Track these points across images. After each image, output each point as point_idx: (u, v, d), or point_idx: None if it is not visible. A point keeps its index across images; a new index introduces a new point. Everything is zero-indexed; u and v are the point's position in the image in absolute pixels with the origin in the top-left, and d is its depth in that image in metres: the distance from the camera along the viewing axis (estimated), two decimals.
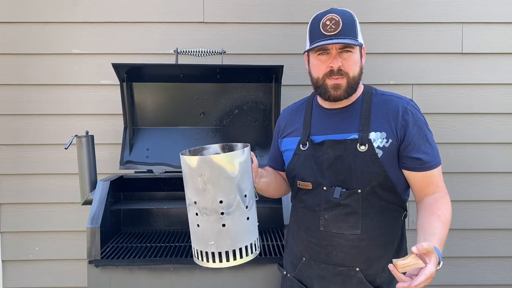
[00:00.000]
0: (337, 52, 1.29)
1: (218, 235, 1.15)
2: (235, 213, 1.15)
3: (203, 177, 1.12)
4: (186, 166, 1.15)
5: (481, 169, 2.35)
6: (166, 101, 2.20)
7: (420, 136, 1.31)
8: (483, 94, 2.33)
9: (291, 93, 2.29)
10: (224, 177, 1.13)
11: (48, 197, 2.34)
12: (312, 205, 1.37)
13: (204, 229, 1.16)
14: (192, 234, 1.21)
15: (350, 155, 1.30)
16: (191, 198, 1.17)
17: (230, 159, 1.13)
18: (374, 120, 1.33)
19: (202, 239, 1.17)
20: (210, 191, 1.12)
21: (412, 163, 1.31)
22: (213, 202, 1.13)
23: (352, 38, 1.28)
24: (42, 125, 2.32)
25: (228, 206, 1.14)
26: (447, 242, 2.52)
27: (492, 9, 2.30)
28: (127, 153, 2.14)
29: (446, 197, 1.35)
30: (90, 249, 1.63)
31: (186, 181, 1.18)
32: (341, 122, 1.37)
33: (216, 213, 1.13)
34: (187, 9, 2.29)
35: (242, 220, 1.17)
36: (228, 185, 1.14)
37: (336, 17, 1.29)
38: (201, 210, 1.14)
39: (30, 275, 2.37)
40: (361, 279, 1.33)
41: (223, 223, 1.14)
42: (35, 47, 2.28)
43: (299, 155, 1.40)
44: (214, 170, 1.12)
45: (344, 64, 1.30)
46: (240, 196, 1.16)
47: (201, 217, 1.15)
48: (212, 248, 1.16)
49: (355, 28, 1.30)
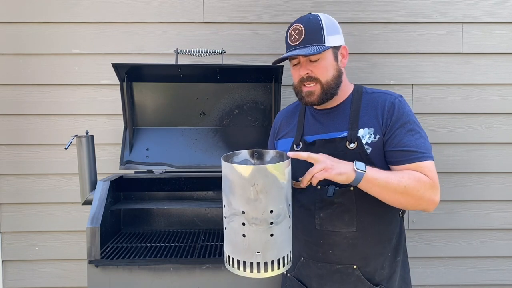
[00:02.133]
0: (305, 60, 1.33)
1: (266, 245, 1.13)
2: (282, 223, 1.14)
3: (255, 186, 1.09)
4: (236, 175, 1.11)
5: (481, 169, 2.35)
6: (166, 101, 2.20)
7: (404, 129, 1.29)
8: (483, 94, 2.33)
9: (291, 93, 2.26)
10: (277, 186, 1.12)
11: (48, 197, 2.34)
12: (307, 204, 1.39)
13: (251, 239, 1.13)
14: (233, 244, 1.17)
15: (341, 153, 1.31)
16: (239, 208, 1.13)
17: (282, 169, 1.12)
18: (362, 117, 1.34)
19: (248, 249, 1.14)
20: (262, 201, 1.11)
21: (394, 156, 1.30)
22: (264, 212, 1.11)
23: (316, 44, 1.29)
24: (42, 125, 2.32)
25: (277, 216, 1.13)
26: (447, 242, 2.52)
27: (492, 9, 2.30)
28: (127, 153, 2.14)
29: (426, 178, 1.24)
30: (90, 249, 1.63)
31: (233, 190, 1.13)
32: (331, 121, 1.39)
33: (266, 222, 1.12)
34: (187, 9, 2.29)
35: (286, 229, 1.17)
36: (279, 195, 1.13)
37: (299, 26, 1.32)
38: (250, 220, 1.12)
39: (30, 275, 2.37)
40: (359, 276, 1.33)
41: (272, 233, 1.13)
42: (35, 47, 2.28)
43: None
44: (268, 180, 1.10)
45: (314, 71, 1.33)
46: (287, 205, 1.16)
47: (249, 227, 1.12)
48: (259, 258, 1.14)
49: (321, 33, 1.31)
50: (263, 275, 1.15)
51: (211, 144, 2.21)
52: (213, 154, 2.19)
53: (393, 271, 1.37)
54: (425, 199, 1.24)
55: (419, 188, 1.22)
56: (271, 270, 1.15)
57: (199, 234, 1.98)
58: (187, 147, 2.19)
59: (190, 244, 1.83)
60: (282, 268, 1.17)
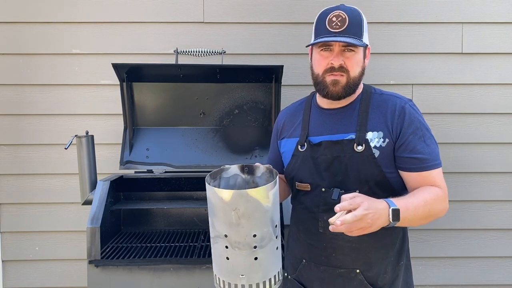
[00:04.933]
0: (339, 50, 1.28)
1: (250, 268, 1.10)
2: (267, 246, 1.11)
3: (237, 211, 1.05)
4: (217, 198, 1.08)
5: (481, 169, 2.35)
6: (166, 101, 2.20)
7: (416, 136, 1.28)
8: (483, 94, 2.33)
9: (291, 93, 2.28)
10: (259, 210, 1.07)
11: (48, 197, 2.34)
12: (311, 206, 1.36)
13: (235, 263, 1.11)
14: (219, 265, 1.15)
15: (347, 156, 1.29)
16: (221, 232, 1.10)
17: (265, 192, 1.07)
18: (371, 120, 1.31)
19: (232, 272, 1.12)
20: (244, 225, 1.06)
21: (406, 163, 1.29)
22: (247, 236, 1.07)
23: (357, 37, 1.26)
24: (42, 125, 2.32)
25: (261, 240, 1.09)
26: (447, 242, 2.51)
27: (492, 9, 2.30)
28: (127, 153, 2.14)
29: (441, 192, 1.28)
30: (90, 249, 1.63)
31: (216, 213, 1.10)
32: (339, 122, 1.36)
33: (249, 247, 1.08)
34: (187, 9, 2.29)
35: (273, 251, 1.14)
36: (262, 219, 1.08)
37: (343, 14, 1.27)
38: (233, 244, 1.09)
39: (30, 275, 2.37)
40: (362, 281, 1.32)
41: (256, 256, 1.09)
42: (35, 47, 2.28)
43: (297, 156, 1.39)
44: (249, 205, 1.06)
45: (346, 63, 1.28)
46: (272, 228, 1.12)
47: (232, 251, 1.09)
48: (243, 281, 1.11)
49: (361, 28, 1.29)
50: None
51: (211, 144, 2.21)
52: (213, 154, 2.19)
53: (395, 276, 1.36)
54: (442, 213, 1.29)
55: (438, 206, 1.27)
56: None
57: (199, 234, 1.98)
58: (187, 147, 2.19)
59: (190, 244, 1.83)
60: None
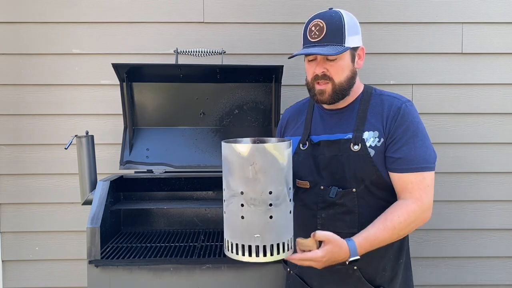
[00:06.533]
0: (322, 58, 1.30)
1: (265, 228, 1.12)
2: (282, 205, 1.13)
3: (254, 166, 1.09)
4: (235, 154, 1.11)
5: (481, 169, 2.35)
6: (166, 101, 2.20)
7: (405, 136, 1.28)
8: (483, 94, 2.33)
9: (291, 93, 2.28)
10: (275, 167, 1.11)
11: (48, 197, 2.34)
12: (310, 204, 1.39)
13: (250, 221, 1.12)
14: (232, 227, 1.16)
15: (344, 155, 1.31)
16: (237, 189, 1.12)
17: (281, 149, 1.12)
18: (369, 120, 1.34)
19: (247, 232, 1.13)
20: (260, 180, 1.10)
21: (389, 162, 1.30)
22: (263, 192, 1.10)
23: (336, 44, 1.27)
24: (42, 125, 2.32)
25: (276, 198, 1.12)
26: (446, 242, 2.51)
27: (492, 9, 2.30)
28: (127, 153, 2.14)
29: (411, 205, 1.26)
30: (90, 249, 1.63)
31: (233, 170, 1.13)
32: (339, 122, 1.39)
33: (265, 204, 1.11)
34: (187, 9, 2.29)
35: (286, 213, 1.16)
36: (278, 176, 1.12)
37: (321, 22, 1.28)
38: (249, 201, 1.11)
39: (30, 275, 2.37)
40: (360, 277, 1.33)
41: (271, 215, 1.11)
42: (35, 47, 2.28)
43: (299, 154, 1.42)
44: (266, 159, 1.10)
45: (329, 70, 1.31)
46: (287, 188, 1.15)
47: (248, 208, 1.11)
48: (257, 241, 1.12)
49: (342, 33, 1.28)
50: (262, 259, 1.13)
51: (211, 144, 2.21)
52: (213, 154, 2.19)
53: (395, 274, 1.37)
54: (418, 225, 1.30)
55: (411, 225, 1.27)
56: (270, 254, 1.13)
57: (199, 234, 1.98)
58: (187, 147, 2.19)
59: (190, 244, 1.83)
60: (282, 254, 1.15)
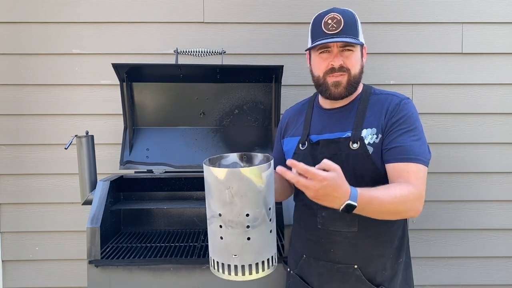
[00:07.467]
0: (338, 51, 1.32)
1: (243, 248, 1.13)
2: (261, 226, 1.13)
3: (231, 189, 1.09)
4: (213, 177, 1.12)
5: (480, 169, 2.35)
6: (166, 101, 2.20)
7: (402, 128, 1.28)
8: (483, 94, 2.33)
9: (291, 93, 2.29)
10: (252, 190, 1.10)
11: (48, 197, 2.34)
12: (310, 203, 1.37)
13: (228, 242, 1.14)
14: (213, 246, 1.19)
15: (343, 154, 1.31)
16: (216, 210, 1.13)
17: (258, 172, 1.11)
18: (367, 118, 1.34)
19: (225, 251, 1.15)
20: (237, 204, 1.10)
21: (386, 154, 1.29)
22: (240, 215, 1.11)
23: (353, 37, 1.30)
24: (42, 125, 2.32)
25: (254, 220, 1.12)
26: (446, 242, 2.51)
27: (492, 9, 2.30)
28: (127, 153, 2.14)
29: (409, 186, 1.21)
30: (90, 249, 1.63)
31: (211, 192, 1.14)
32: (338, 121, 1.39)
33: (242, 226, 1.12)
34: (187, 9, 2.29)
35: (266, 233, 1.16)
36: (255, 198, 1.12)
37: (338, 16, 1.31)
38: (227, 223, 1.12)
39: (30, 275, 2.37)
40: (360, 276, 1.33)
41: (248, 236, 1.12)
42: (35, 47, 2.28)
43: (298, 154, 1.42)
44: (242, 183, 1.09)
45: (345, 62, 1.32)
46: (265, 209, 1.14)
47: (226, 230, 1.12)
48: (236, 261, 1.14)
49: (356, 28, 1.32)
50: (241, 278, 1.14)
51: (211, 144, 2.21)
52: (213, 154, 2.15)
53: (394, 273, 1.37)
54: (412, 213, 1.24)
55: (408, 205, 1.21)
56: (248, 273, 1.14)
57: (199, 234, 1.98)
58: (187, 147, 2.19)
59: (190, 244, 1.83)
60: (262, 272, 1.16)
